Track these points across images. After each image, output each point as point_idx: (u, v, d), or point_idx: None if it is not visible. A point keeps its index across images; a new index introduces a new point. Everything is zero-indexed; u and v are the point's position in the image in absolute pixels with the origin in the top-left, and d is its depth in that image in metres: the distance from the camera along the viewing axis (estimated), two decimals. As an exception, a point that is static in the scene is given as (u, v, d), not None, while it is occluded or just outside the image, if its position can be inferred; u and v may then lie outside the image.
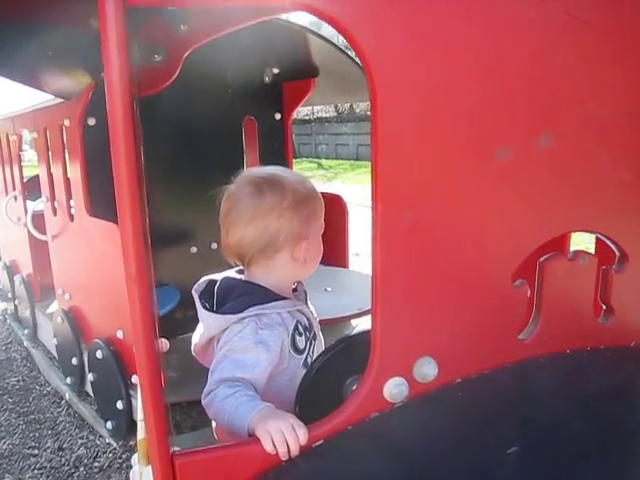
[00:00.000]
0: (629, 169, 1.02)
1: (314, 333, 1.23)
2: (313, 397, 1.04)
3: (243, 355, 1.08)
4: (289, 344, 1.15)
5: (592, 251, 1.17)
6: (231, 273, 1.23)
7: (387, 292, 0.89)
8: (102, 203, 2.47)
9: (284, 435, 0.89)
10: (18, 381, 3.39)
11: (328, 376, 1.04)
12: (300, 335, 1.18)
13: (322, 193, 1.28)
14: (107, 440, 2.72)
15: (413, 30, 0.83)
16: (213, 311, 1.15)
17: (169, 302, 2.81)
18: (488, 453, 0.90)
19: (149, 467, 0.93)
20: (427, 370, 0.91)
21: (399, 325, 0.91)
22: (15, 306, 3.99)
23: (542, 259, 0.99)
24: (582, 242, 2.47)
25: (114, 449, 2.67)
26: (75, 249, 2.79)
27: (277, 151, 3.34)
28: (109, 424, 2.68)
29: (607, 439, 0.91)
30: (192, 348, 1.26)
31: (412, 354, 0.91)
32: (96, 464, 2.60)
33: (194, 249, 3.13)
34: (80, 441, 2.77)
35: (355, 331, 1.28)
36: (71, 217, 2.71)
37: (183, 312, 2.84)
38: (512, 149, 0.92)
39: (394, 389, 0.90)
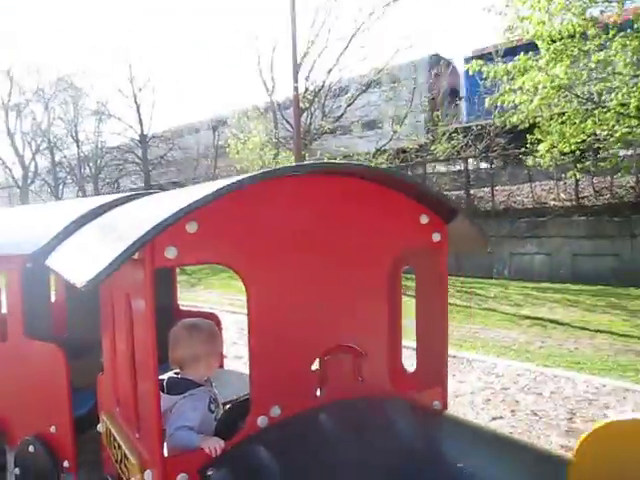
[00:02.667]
0: (363, 314, 2.24)
1: (218, 402, 2.29)
2: (224, 428, 2.10)
3: (187, 415, 2.11)
4: (206, 408, 2.20)
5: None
6: (171, 374, 2.27)
7: (257, 379, 1.99)
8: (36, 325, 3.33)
9: (215, 445, 1.93)
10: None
11: (230, 419, 2.11)
12: (212, 404, 2.23)
13: (200, 312, 2.41)
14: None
15: (262, 267, 2.00)
16: (166, 394, 2.18)
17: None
18: (309, 456, 1.98)
19: (148, 471, 1.90)
20: (276, 411, 2.01)
21: (263, 392, 2.01)
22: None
23: (326, 358, 2.16)
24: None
25: (44, 529, 3.35)
26: (8, 366, 3.54)
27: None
28: (39, 508, 3.37)
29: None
30: None
31: (269, 404, 2.00)
32: None
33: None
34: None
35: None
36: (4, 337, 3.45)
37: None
38: (308, 310, 2.09)
39: (261, 421, 1.98)
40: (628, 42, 10.45)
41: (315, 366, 2.14)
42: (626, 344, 7.94)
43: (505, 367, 6.66)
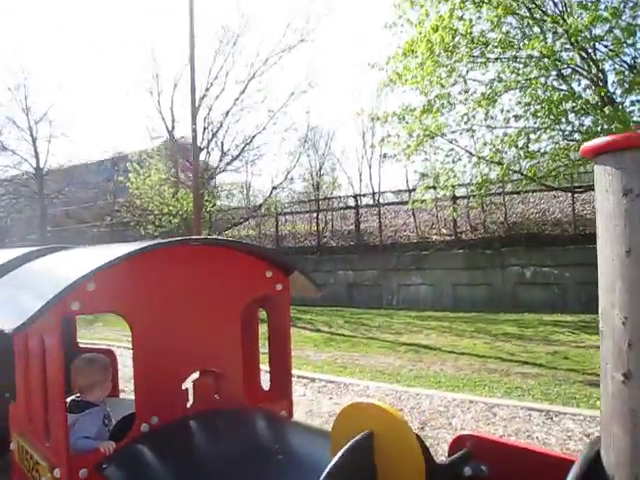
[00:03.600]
0: (221, 348, 3.01)
1: (110, 419, 2.98)
2: (117, 435, 2.80)
3: (86, 428, 2.78)
4: (102, 423, 2.89)
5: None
6: (73, 397, 2.94)
7: (139, 395, 2.71)
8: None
9: (108, 446, 2.63)
10: None
11: (121, 427, 2.81)
12: (105, 419, 2.93)
13: (97, 348, 3.12)
14: None
15: (143, 310, 2.74)
16: (69, 413, 2.83)
17: None
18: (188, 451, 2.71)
19: (56, 469, 2.55)
20: (154, 420, 2.72)
21: (145, 406, 2.72)
22: None
23: (193, 379, 2.91)
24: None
25: None
26: None
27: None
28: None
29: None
30: None
31: (149, 415, 2.72)
32: None
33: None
34: None
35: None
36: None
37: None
38: (177, 345, 2.84)
39: (144, 427, 2.69)
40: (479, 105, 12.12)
41: (185, 385, 2.89)
42: (483, 364, 9.16)
43: (375, 389, 7.60)
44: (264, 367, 3.54)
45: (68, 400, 2.93)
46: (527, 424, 6.05)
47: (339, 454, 1.86)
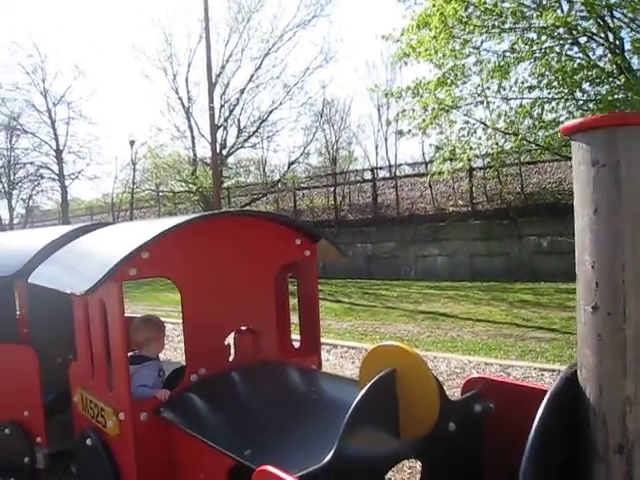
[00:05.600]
0: (257, 309, 3.39)
1: (164, 371, 3.39)
2: (169, 384, 3.20)
3: (143, 377, 3.19)
4: (156, 374, 3.29)
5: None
6: (131, 353, 3.34)
7: (189, 349, 3.10)
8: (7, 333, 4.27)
9: (163, 394, 3.03)
10: None
11: (173, 378, 3.21)
12: (160, 371, 3.33)
13: (143, 316, 3.51)
14: (12, 491, 4.31)
15: (190, 275, 3.11)
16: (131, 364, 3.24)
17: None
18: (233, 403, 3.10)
19: (121, 413, 2.95)
20: (202, 371, 3.11)
21: (194, 358, 3.11)
22: None
23: (234, 334, 3.29)
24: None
25: (21, 493, 4.27)
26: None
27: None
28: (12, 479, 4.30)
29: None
30: None
31: (198, 366, 3.11)
32: (9, 505, 4.19)
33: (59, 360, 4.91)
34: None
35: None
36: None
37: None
38: (221, 305, 3.22)
39: (194, 378, 3.08)
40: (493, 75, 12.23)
41: (228, 340, 3.28)
42: (498, 330, 9.50)
43: (395, 353, 7.98)
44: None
45: (128, 354, 3.34)
46: (539, 382, 6.39)
47: (365, 388, 2.22)
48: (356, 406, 2.15)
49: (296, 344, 3.86)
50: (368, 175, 23.04)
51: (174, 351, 8.77)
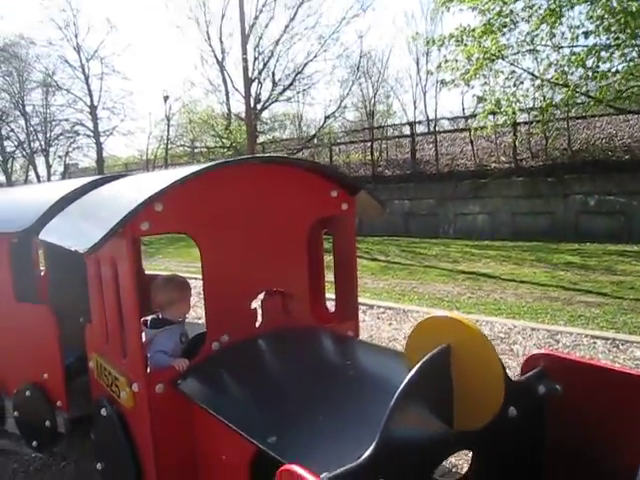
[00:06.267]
0: (289, 267, 3.01)
1: (187, 336, 3.06)
2: (189, 352, 2.87)
3: (163, 343, 2.87)
4: (178, 340, 2.97)
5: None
6: (153, 315, 3.01)
7: (210, 313, 2.75)
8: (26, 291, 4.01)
9: (182, 363, 2.70)
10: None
11: (192, 345, 2.88)
12: (182, 336, 3.01)
13: (166, 276, 3.16)
14: (33, 455, 4.13)
15: (210, 231, 2.73)
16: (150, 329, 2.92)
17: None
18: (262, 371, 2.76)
19: (135, 384, 2.64)
20: (225, 338, 2.77)
21: (215, 324, 2.76)
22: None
23: (262, 297, 2.93)
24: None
25: (41, 457, 4.09)
26: (2, 328, 4.20)
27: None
28: (34, 443, 4.10)
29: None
30: None
31: (220, 333, 2.76)
32: (31, 468, 4.01)
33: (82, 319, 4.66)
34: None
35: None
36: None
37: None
38: (248, 263, 2.84)
39: (215, 346, 2.74)
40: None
41: (254, 304, 2.91)
42: (544, 292, 9.00)
43: (435, 315, 7.58)
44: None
45: (149, 318, 3.02)
46: (591, 351, 5.95)
47: (415, 368, 1.83)
48: (404, 390, 1.76)
49: (330, 307, 3.49)
50: (406, 130, 22.27)
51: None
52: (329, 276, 3.43)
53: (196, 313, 8.10)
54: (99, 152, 32.59)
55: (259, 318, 2.96)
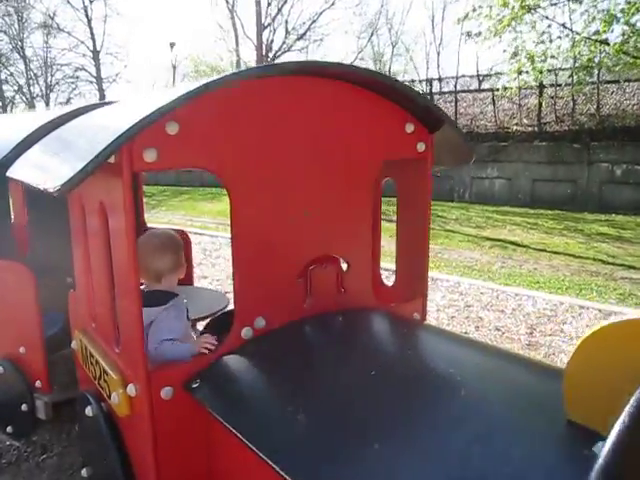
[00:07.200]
0: (348, 224, 2.18)
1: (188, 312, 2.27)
2: None
3: (171, 326, 2.05)
4: (186, 317, 2.17)
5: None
6: (151, 287, 2.19)
7: (240, 287, 1.94)
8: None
9: (207, 343, 1.92)
10: None
11: (211, 332, 2.07)
12: (187, 313, 2.21)
13: (169, 229, 2.33)
14: (7, 442, 3.38)
15: (241, 169, 1.89)
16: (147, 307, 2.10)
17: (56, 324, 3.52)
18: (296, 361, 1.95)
19: (130, 385, 1.85)
20: (260, 323, 1.96)
21: (247, 302, 1.95)
22: None
23: (311, 268, 2.11)
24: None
25: (17, 447, 3.34)
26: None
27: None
28: (9, 428, 3.34)
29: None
30: None
31: (253, 315, 1.96)
32: (4, 460, 3.26)
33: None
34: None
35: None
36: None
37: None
38: (293, 218, 2.02)
39: (246, 332, 1.94)
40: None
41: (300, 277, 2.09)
42: (581, 265, 8.20)
43: (468, 286, 6.80)
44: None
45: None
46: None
47: (629, 410, 1.02)
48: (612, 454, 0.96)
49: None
50: (422, 87, 21.11)
51: (211, 267, 7.74)
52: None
53: (201, 271, 7.33)
54: (101, 99, 31.34)
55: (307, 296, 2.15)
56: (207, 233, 10.46)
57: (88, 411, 2.18)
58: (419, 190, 2.44)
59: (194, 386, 1.79)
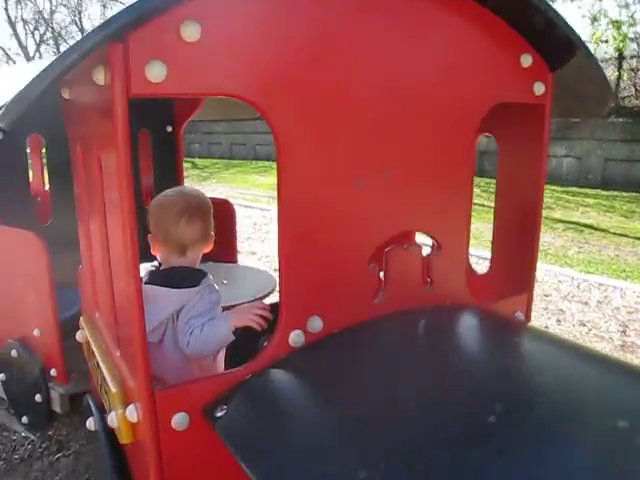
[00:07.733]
0: (440, 191, 1.57)
1: None
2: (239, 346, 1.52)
3: (212, 311, 1.56)
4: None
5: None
6: (171, 263, 1.65)
7: (288, 275, 1.37)
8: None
9: (256, 313, 1.47)
10: None
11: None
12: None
13: (212, 198, 1.77)
14: (23, 434, 2.96)
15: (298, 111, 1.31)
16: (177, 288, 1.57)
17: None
18: (360, 373, 1.38)
19: (131, 406, 1.32)
20: (315, 324, 1.39)
21: (297, 295, 1.39)
22: None
23: (387, 250, 1.51)
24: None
25: (32, 441, 2.91)
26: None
27: (169, 161, 3.65)
28: (24, 419, 2.92)
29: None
30: None
31: (306, 314, 1.39)
32: (16, 456, 2.84)
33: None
34: (-7, 439, 2.96)
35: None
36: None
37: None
38: (365, 180, 1.42)
39: (296, 338, 1.37)
40: None
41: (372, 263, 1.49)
42: (673, 254, 7.31)
43: (544, 272, 6.06)
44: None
45: (150, 268, 1.67)
46: None
47: None
48: None
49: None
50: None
51: (261, 243, 7.20)
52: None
53: (249, 246, 6.82)
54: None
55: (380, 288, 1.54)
56: (257, 206, 9.96)
57: (89, 424, 1.67)
58: (532, 151, 1.80)
59: (218, 415, 1.24)
